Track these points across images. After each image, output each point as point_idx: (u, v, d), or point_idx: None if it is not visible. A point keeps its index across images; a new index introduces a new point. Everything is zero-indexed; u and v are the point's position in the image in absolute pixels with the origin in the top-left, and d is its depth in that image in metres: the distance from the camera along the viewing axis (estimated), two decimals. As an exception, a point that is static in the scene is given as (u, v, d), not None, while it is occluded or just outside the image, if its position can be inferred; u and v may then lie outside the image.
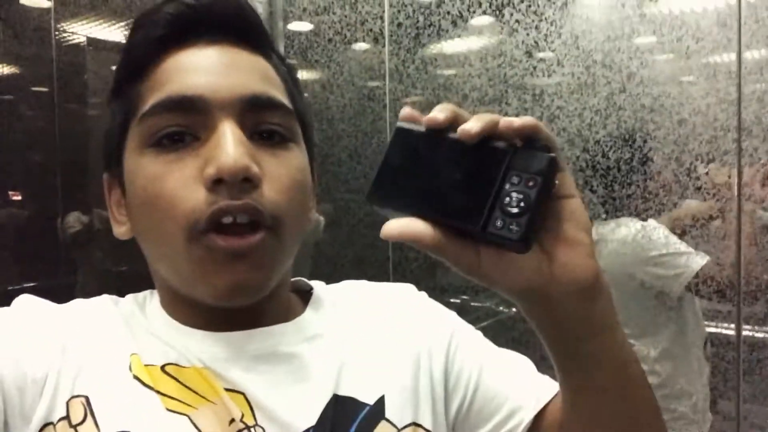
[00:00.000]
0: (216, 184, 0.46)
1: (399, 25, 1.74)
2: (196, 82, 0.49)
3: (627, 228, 1.49)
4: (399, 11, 1.73)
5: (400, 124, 0.42)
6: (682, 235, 1.46)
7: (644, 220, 1.48)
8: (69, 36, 3.01)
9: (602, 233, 1.54)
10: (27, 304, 0.54)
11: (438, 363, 0.59)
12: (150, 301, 0.57)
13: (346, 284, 0.66)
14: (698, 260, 1.42)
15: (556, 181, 0.40)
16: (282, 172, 0.50)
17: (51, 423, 0.47)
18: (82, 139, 2.99)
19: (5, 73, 3.11)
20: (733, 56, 1.34)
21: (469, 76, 1.69)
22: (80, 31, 2.97)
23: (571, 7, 1.53)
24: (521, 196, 0.37)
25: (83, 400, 0.48)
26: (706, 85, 1.38)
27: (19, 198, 3.04)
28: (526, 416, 0.58)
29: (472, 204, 0.38)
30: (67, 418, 0.47)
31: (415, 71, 1.76)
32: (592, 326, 0.44)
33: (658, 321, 1.53)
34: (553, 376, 0.55)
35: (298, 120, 0.55)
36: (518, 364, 0.63)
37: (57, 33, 2.97)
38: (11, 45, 2.98)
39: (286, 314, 0.57)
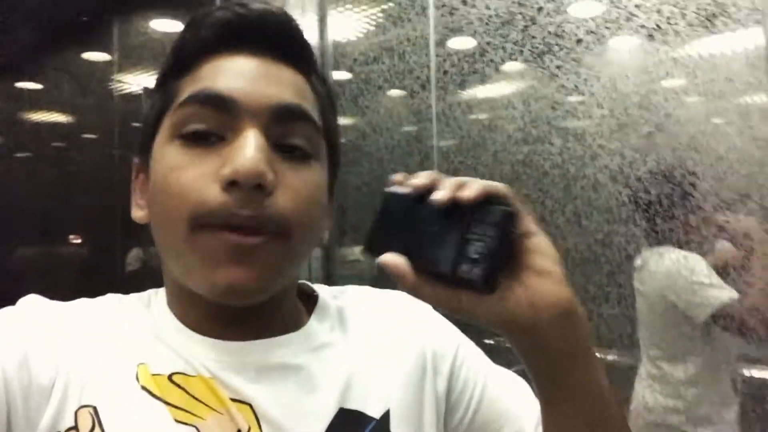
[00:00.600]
0: (230, 185, 0.48)
1: (445, 72, 1.87)
2: (232, 84, 0.51)
3: (669, 254, 1.58)
4: (444, 60, 1.87)
5: (387, 189, 0.51)
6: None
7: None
8: (128, 86, 3.22)
9: (645, 258, 1.63)
10: (33, 304, 0.54)
11: (442, 375, 0.60)
12: (155, 299, 0.57)
13: (351, 290, 0.66)
14: (727, 294, 1.47)
15: (514, 228, 0.47)
16: (298, 184, 0.51)
17: None
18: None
19: (68, 122, 3.33)
20: (764, 96, 1.43)
21: (513, 118, 1.81)
22: (140, 81, 3.18)
23: (608, 53, 1.65)
24: (481, 244, 0.45)
25: (91, 410, 0.48)
26: (741, 123, 1.47)
27: (79, 241, 3.20)
28: None
29: (444, 254, 0.46)
30: (75, 428, 0.47)
31: (461, 114, 1.89)
32: (571, 352, 0.48)
33: (688, 345, 1.59)
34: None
35: (326, 138, 0.56)
36: (519, 383, 0.64)
37: (118, 83, 3.17)
38: (76, 97, 3.19)
39: (293, 322, 0.57)
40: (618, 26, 1.59)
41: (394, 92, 2.02)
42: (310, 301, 0.62)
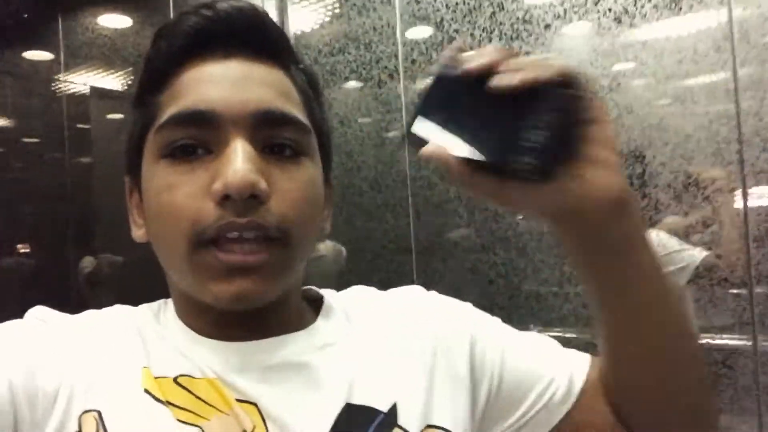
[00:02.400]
0: (224, 199, 0.47)
1: (413, 62, 1.86)
2: (210, 96, 0.50)
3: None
4: (412, 49, 1.86)
5: (438, 69, 0.45)
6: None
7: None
8: (73, 86, 3.08)
9: None
10: (40, 315, 0.54)
11: (461, 358, 0.59)
12: (164, 309, 0.58)
13: (356, 290, 0.66)
14: (698, 254, 1.53)
15: (579, 115, 0.43)
16: (291, 186, 0.51)
17: None
18: (89, 188, 3.04)
19: (10, 125, 3.16)
20: (730, 74, 1.47)
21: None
22: (87, 81, 3.05)
23: (575, 37, 1.67)
24: (541, 132, 0.41)
25: (95, 414, 0.48)
26: (707, 102, 1.51)
27: (28, 250, 3.05)
28: (562, 383, 0.58)
29: (500, 142, 0.42)
30: None
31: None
32: (627, 240, 0.48)
33: None
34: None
35: (315, 131, 0.55)
36: (543, 341, 0.64)
37: (63, 84, 3.03)
38: (18, 98, 3.03)
39: (298, 322, 0.57)
40: (585, 10, 1.61)
41: (361, 83, 1.99)
42: (316, 303, 0.62)
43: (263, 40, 0.53)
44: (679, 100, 1.56)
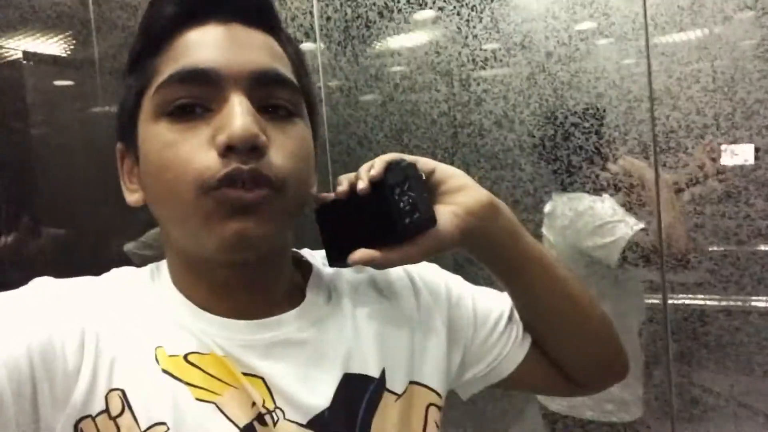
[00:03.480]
0: (227, 150, 0.50)
1: (328, 19, 1.77)
2: (210, 56, 0.52)
3: (578, 202, 1.51)
4: (327, 5, 1.76)
5: (316, 207, 0.61)
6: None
7: (594, 193, 1.52)
8: (6, 52, 2.95)
9: (554, 204, 1.57)
10: (49, 285, 0.55)
11: (438, 312, 0.68)
12: (158, 275, 0.60)
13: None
14: (631, 226, 1.44)
15: (420, 173, 0.58)
16: (288, 142, 0.53)
17: (89, 416, 0.49)
18: (24, 157, 2.93)
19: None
20: (641, 31, 1.40)
21: (398, 65, 1.72)
22: (21, 45, 2.92)
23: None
24: (407, 198, 0.55)
25: (120, 393, 0.50)
26: (618, 58, 1.44)
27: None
28: (520, 326, 0.72)
29: (390, 222, 0.55)
30: (106, 411, 0.49)
31: (347, 64, 1.79)
32: (508, 233, 0.63)
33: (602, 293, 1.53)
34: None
35: (303, 97, 0.58)
36: (496, 292, 0.76)
37: (-8, 48, 2.90)
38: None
39: (293, 296, 0.61)
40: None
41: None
42: (302, 267, 0.66)
43: (256, 8, 0.57)
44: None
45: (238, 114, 0.50)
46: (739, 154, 1.36)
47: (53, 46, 2.94)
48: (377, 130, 1.76)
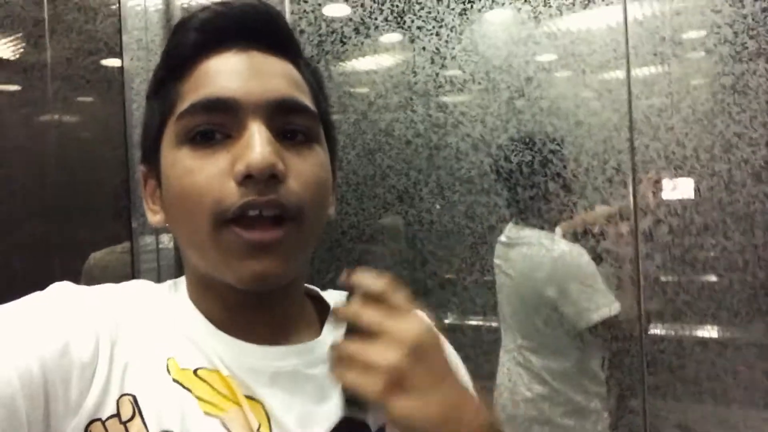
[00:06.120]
0: (246, 179, 0.50)
1: (301, 32, 1.71)
2: (230, 85, 0.53)
3: (553, 244, 1.47)
4: (300, 18, 1.70)
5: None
6: (584, 235, 1.49)
7: (549, 223, 1.50)
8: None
9: (513, 236, 1.54)
10: (68, 291, 0.55)
11: None
12: (175, 291, 0.60)
13: None
14: (613, 306, 1.41)
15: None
16: (305, 168, 0.54)
17: (99, 419, 0.49)
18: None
19: None
20: (622, 61, 1.39)
21: (374, 83, 1.68)
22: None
23: (469, 16, 1.56)
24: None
25: (131, 398, 0.50)
26: (599, 87, 1.43)
27: None
28: None
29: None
30: (117, 415, 0.49)
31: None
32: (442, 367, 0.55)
33: (564, 342, 1.49)
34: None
35: (321, 121, 0.59)
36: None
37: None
38: None
39: (307, 328, 0.61)
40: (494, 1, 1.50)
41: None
42: (319, 304, 0.65)
43: (276, 35, 0.57)
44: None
45: (257, 143, 0.51)
46: (678, 189, 1.37)
47: (0, 47, 2.77)
48: (349, 149, 1.70)
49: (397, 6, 1.59)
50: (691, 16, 1.35)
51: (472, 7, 1.53)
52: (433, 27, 1.56)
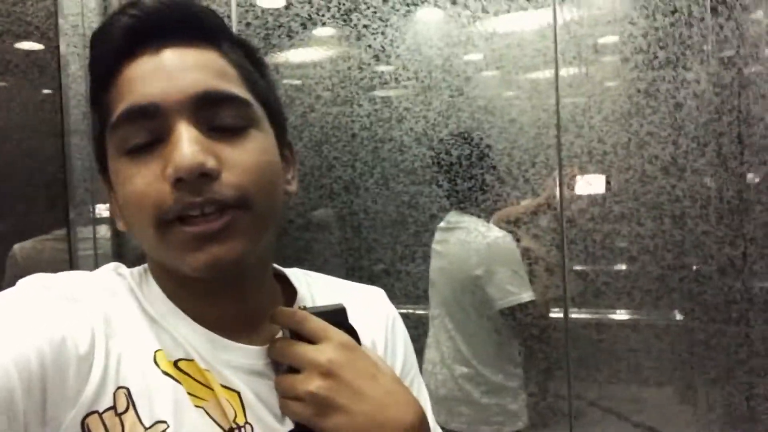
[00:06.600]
0: (177, 182, 0.50)
1: (248, 24, 1.74)
2: (148, 90, 0.53)
3: (487, 231, 1.58)
4: (247, 11, 1.74)
5: None
6: (514, 224, 1.63)
7: (486, 212, 1.62)
8: None
9: (453, 222, 1.64)
10: (48, 282, 0.55)
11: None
12: (146, 280, 0.60)
13: (323, 283, 0.70)
14: (526, 295, 1.55)
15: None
16: (243, 158, 0.53)
17: (96, 411, 0.50)
18: None
19: None
20: (552, 64, 1.54)
21: (321, 78, 1.74)
22: None
23: (414, 17, 1.66)
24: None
25: (125, 391, 0.51)
26: (530, 87, 1.57)
27: None
28: None
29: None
30: (113, 408, 0.50)
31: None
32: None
33: (484, 326, 1.62)
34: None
35: (260, 101, 0.57)
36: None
37: None
38: None
39: (273, 301, 0.61)
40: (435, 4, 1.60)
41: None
42: (288, 287, 0.66)
43: (191, 26, 0.55)
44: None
45: (181, 145, 0.51)
46: (592, 184, 1.54)
47: None
48: (296, 141, 1.75)
49: (344, 4, 1.66)
50: (611, 25, 1.51)
51: (415, 8, 1.63)
52: (379, 26, 1.65)
